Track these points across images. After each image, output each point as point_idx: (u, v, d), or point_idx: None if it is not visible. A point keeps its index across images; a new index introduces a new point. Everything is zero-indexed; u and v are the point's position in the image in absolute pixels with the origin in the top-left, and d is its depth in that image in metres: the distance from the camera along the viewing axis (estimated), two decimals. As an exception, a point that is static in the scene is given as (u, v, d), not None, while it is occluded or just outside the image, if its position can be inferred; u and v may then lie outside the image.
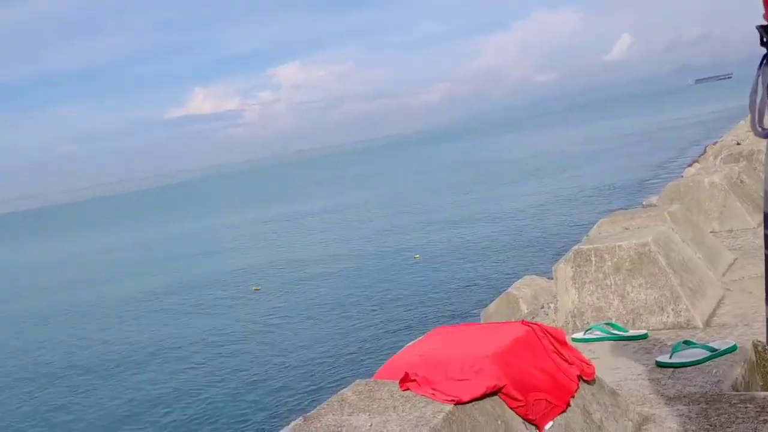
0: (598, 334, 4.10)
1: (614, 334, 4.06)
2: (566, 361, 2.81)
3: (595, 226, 5.48)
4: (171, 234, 38.95)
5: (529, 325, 2.85)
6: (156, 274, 24.33)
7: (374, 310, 14.16)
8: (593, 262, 4.38)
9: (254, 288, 18.55)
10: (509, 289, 7.89)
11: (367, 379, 2.79)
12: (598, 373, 2.93)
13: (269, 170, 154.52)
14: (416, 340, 3.47)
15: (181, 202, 75.56)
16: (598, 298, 4.33)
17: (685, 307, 4.12)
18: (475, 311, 11.44)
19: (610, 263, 4.34)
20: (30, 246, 50.89)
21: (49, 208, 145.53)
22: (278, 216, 37.74)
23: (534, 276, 8.50)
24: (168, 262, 27.46)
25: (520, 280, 8.32)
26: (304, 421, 2.42)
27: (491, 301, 8.40)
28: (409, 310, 13.65)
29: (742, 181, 6.82)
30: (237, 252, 26.68)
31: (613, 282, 4.31)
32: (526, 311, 6.80)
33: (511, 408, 2.43)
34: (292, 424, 2.59)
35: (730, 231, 6.22)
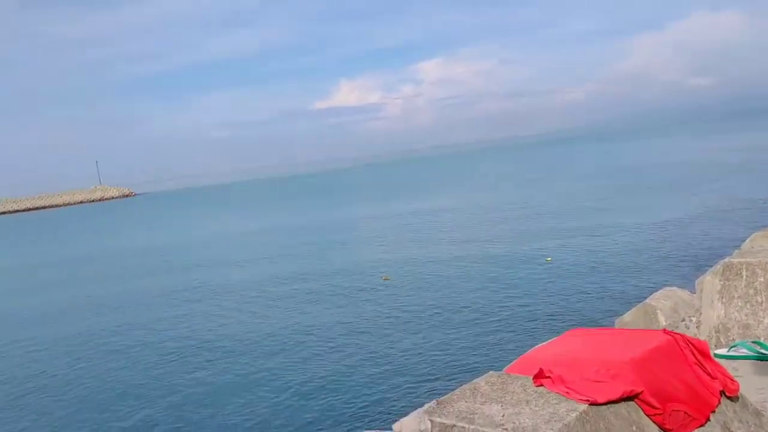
0: (743, 351, 3.90)
1: (762, 353, 3.86)
2: (708, 374, 2.72)
3: (748, 240, 5.21)
4: (308, 220, 40.34)
5: (671, 335, 2.78)
6: (292, 259, 25.32)
7: (503, 308, 14.09)
8: (744, 276, 4.16)
9: (384, 277, 18.91)
10: (647, 300, 7.59)
11: (500, 372, 2.83)
12: (742, 391, 2.81)
13: (407, 164, 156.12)
14: (551, 340, 3.46)
15: (321, 191, 77.90)
16: (746, 315, 4.12)
17: None
18: (607, 319, 11.11)
19: (762, 279, 4.11)
20: (177, 224, 54.30)
21: (201, 189, 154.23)
22: (413, 210, 38.14)
23: (675, 288, 8.11)
24: (304, 247, 28.48)
25: (659, 291, 7.97)
26: (437, 404, 2.50)
27: (625, 311, 8.11)
28: (540, 310, 13.46)
29: None
30: (369, 242, 27.25)
31: (764, 299, 4.08)
32: (664, 323, 6.53)
33: (647, 415, 2.39)
34: (426, 406, 2.68)
35: None
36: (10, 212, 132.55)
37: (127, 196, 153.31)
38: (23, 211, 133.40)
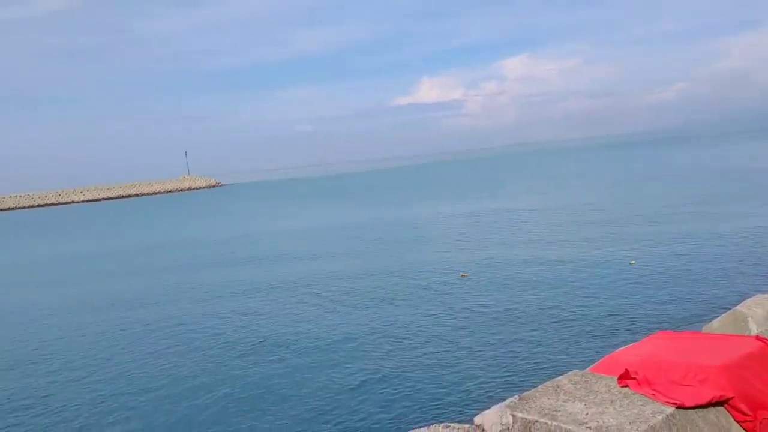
0: (842, 364, 3.73)
1: None
2: (804, 384, 2.62)
3: None
4: (388, 215, 40.62)
5: (764, 341, 2.70)
6: (372, 254, 25.59)
7: (585, 308, 13.86)
8: None
9: (462, 275, 18.86)
10: (738, 307, 7.32)
11: (584, 371, 2.82)
12: (841, 403, 2.70)
13: (487, 161, 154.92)
14: (636, 342, 3.41)
15: (401, 187, 78.20)
16: None
17: None
18: (694, 326, 10.76)
19: None
20: (260, 216, 55.58)
21: (285, 182, 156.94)
22: (493, 208, 37.90)
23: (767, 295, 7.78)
24: (382, 242, 28.73)
25: (751, 298, 7.66)
26: (520, 400, 2.51)
27: (712, 317, 7.85)
28: (623, 313, 13.18)
29: None
30: (447, 239, 27.23)
31: None
32: (756, 331, 6.29)
33: (737, 421, 2.33)
34: (508, 401, 2.70)
35: None
36: (104, 199, 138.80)
37: (213, 186, 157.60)
38: (116, 198, 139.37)
